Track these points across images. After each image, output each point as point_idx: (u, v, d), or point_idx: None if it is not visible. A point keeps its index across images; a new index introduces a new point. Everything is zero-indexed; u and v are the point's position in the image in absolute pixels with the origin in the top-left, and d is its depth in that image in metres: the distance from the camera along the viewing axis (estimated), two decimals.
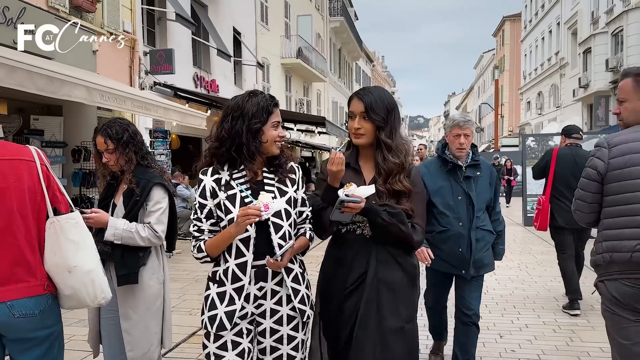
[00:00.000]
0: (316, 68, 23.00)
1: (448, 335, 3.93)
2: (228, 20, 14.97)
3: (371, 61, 52.28)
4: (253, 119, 1.95)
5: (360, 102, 2.16)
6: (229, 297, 1.97)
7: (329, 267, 2.25)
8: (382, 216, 2.04)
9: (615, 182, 2.20)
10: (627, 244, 2.15)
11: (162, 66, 10.30)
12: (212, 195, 1.99)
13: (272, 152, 2.04)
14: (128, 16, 10.02)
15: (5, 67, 4.30)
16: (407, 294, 2.15)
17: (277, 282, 2.02)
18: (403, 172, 2.14)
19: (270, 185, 2.04)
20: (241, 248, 1.96)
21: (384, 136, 2.13)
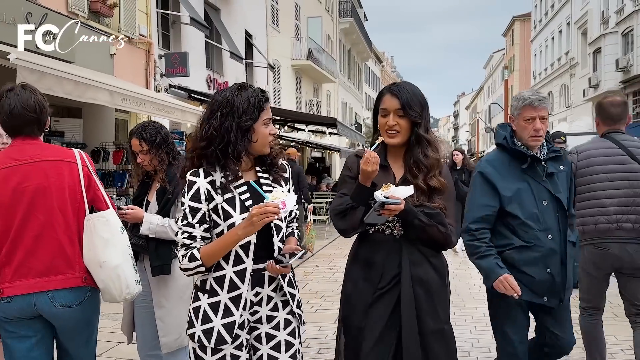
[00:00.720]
0: (326, 69, 23.21)
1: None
2: (240, 22, 15.21)
3: (380, 62, 52.41)
4: (244, 116, 1.80)
5: (395, 98, 2.05)
6: (224, 307, 1.82)
7: (357, 270, 2.13)
8: (420, 217, 1.96)
9: (582, 177, 3.11)
10: (590, 219, 3.10)
11: (176, 69, 10.54)
12: (207, 199, 1.83)
13: (264, 152, 1.91)
14: (144, 20, 10.28)
15: (35, 73, 4.54)
16: (441, 294, 2.09)
17: (273, 288, 1.91)
18: (440, 168, 2.08)
19: (266, 185, 1.92)
20: (240, 254, 1.83)
21: (423, 131, 2.05)
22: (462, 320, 4.81)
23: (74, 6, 8.39)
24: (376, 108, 2.14)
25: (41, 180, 2.05)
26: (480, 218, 2.52)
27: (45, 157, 2.10)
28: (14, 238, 2.02)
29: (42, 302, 2.03)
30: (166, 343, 2.69)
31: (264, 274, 1.87)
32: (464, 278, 6.58)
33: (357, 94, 35.47)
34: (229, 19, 14.41)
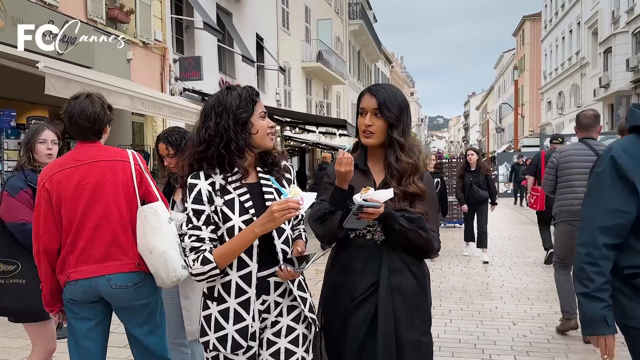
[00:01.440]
0: (336, 71, 23.40)
1: None
2: (251, 26, 15.47)
3: (390, 62, 52.49)
4: (238, 110, 1.79)
5: (373, 98, 1.99)
6: (235, 313, 1.80)
7: (335, 276, 2.04)
8: (400, 222, 1.88)
9: (561, 170, 4.28)
10: (566, 202, 4.21)
11: (191, 73, 10.81)
12: (209, 201, 1.80)
13: (266, 145, 1.88)
14: (159, 25, 10.56)
15: (61, 80, 4.80)
16: (420, 304, 1.99)
17: (280, 294, 1.87)
18: (417, 173, 1.99)
19: (268, 187, 1.88)
20: (244, 258, 1.79)
21: (397, 134, 1.97)
22: (469, 315, 4.99)
23: (93, 13, 8.68)
24: (357, 108, 2.08)
25: (98, 177, 2.30)
26: (609, 229, 1.78)
27: (103, 157, 2.36)
28: (76, 229, 2.27)
29: (101, 284, 2.28)
30: (191, 331, 2.90)
31: (269, 280, 1.83)
32: (472, 276, 6.75)
33: None
34: (241, 23, 14.67)
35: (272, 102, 17.10)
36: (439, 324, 4.67)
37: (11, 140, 5.88)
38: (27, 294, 2.66)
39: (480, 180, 7.68)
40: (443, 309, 5.21)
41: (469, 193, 7.69)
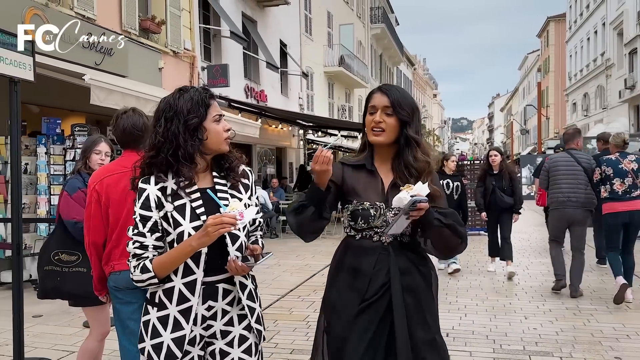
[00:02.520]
0: (357, 75, 23.71)
1: None
2: (275, 33, 15.91)
3: (412, 65, 52.53)
4: (189, 115, 1.72)
5: (384, 96, 1.97)
6: (174, 320, 1.73)
7: (343, 278, 2.00)
8: (438, 217, 1.85)
9: (551, 172, 5.69)
10: (554, 195, 5.65)
11: (218, 80, 11.27)
12: (158, 206, 1.74)
13: (220, 150, 1.81)
14: (188, 35, 11.06)
15: (105, 91, 5.25)
16: (430, 304, 1.98)
17: (228, 302, 1.80)
18: (432, 173, 1.99)
19: (223, 192, 1.80)
20: (190, 264, 1.72)
21: (412, 132, 1.95)
22: (483, 310, 5.25)
23: (127, 25, 9.20)
24: (365, 108, 2.05)
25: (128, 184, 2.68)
26: None
27: (129, 166, 2.72)
28: (121, 227, 2.60)
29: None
30: None
31: (217, 286, 1.77)
32: (489, 275, 6.98)
33: None
34: (265, 30, 15.12)
35: (295, 106, 17.51)
36: (454, 317, 4.96)
37: (57, 145, 6.36)
38: (87, 281, 3.03)
39: (505, 185, 6.76)
40: (459, 304, 5.48)
41: (492, 199, 6.80)
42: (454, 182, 6.85)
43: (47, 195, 6.30)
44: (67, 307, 5.26)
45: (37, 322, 4.87)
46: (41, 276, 3.24)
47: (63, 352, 4.11)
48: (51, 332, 4.64)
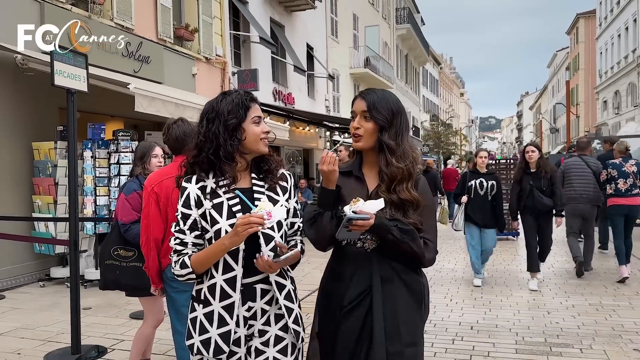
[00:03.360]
0: (383, 76, 23.88)
1: None
2: (302, 37, 16.25)
3: (439, 64, 52.29)
4: (229, 116, 1.79)
5: (362, 100, 1.95)
6: (219, 317, 1.80)
7: (328, 283, 2.03)
8: (393, 233, 1.83)
9: (566, 175, 6.86)
10: (570, 193, 6.74)
11: (248, 84, 11.64)
12: (197, 205, 1.82)
13: (260, 150, 1.87)
14: (219, 41, 11.47)
15: (147, 98, 5.63)
16: (409, 313, 1.91)
17: (267, 301, 1.86)
18: (410, 180, 1.92)
19: (259, 193, 1.86)
20: (229, 262, 1.79)
21: (387, 137, 1.91)
22: (507, 305, 5.43)
23: (163, 33, 9.64)
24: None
25: None
26: None
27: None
28: None
29: None
30: None
31: (255, 287, 1.83)
32: (514, 272, 7.13)
33: (414, 98, 35.81)
34: (292, 34, 15.47)
35: (322, 108, 17.82)
36: (479, 312, 5.17)
37: (101, 150, 6.79)
38: (143, 274, 3.36)
39: (543, 185, 5.97)
40: (484, 300, 5.67)
41: (529, 201, 6.02)
42: (487, 181, 6.27)
43: (92, 196, 6.73)
44: (114, 300, 5.70)
45: (87, 313, 5.27)
46: (102, 270, 3.60)
47: (114, 340, 4.48)
48: (101, 323, 5.02)
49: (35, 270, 6.90)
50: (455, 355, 3.97)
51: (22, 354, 4.16)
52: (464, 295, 5.92)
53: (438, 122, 44.73)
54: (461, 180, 6.68)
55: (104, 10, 8.24)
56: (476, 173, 6.45)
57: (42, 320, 5.12)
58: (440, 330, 4.58)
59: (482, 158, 6.39)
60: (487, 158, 6.50)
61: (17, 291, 6.40)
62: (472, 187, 6.33)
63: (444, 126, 45.50)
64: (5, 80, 6.59)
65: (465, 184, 6.45)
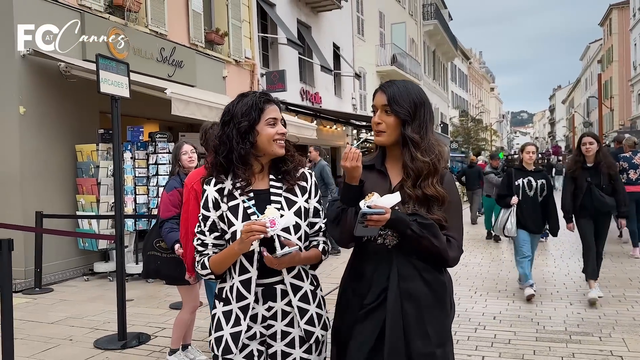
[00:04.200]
0: (410, 72, 23.91)
1: None
2: (328, 37, 16.49)
3: (467, 59, 51.75)
4: (242, 119, 1.78)
5: (382, 94, 1.88)
6: (235, 316, 1.83)
7: (347, 282, 1.96)
8: (412, 227, 1.75)
9: None
10: None
11: (276, 85, 11.97)
12: (215, 207, 1.84)
13: (275, 152, 1.84)
14: (248, 44, 11.82)
15: (183, 102, 5.96)
16: (435, 313, 1.82)
17: (287, 302, 1.85)
18: (435, 175, 1.84)
19: (276, 195, 1.84)
20: (245, 264, 1.81)
21: (410, 131, 1.83)
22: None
23: (194, 38, 10.02)
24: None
25: None
26: None
27: None
28: None
29: None
30: None
31: (276, 287, 1.83)
32: (540, 266, 7.20)
33: (442, 94, 35.62)
34: (319, 34, 15.72)
35: (349, 107, 18.02)
36: (502, 303, 5.32)
37: (140, 151, 7.19)
38: (181, 264, 3.67)
39: (604, 182, 5.15)
40: (508, 292, 5.81)
41: (586, 201, 5.19)
42: (537, 179, 5.39)
43: (132, 195, 7.14)
44: (154, 292, 6.08)
45: (130, 305, 5.61)
46: (145, 260, 3.93)
47: (156, 328, 4.82)
48: (143, 313, 5.38)
49: (79, 265, 7.34)
50: (477, 343, 4.16)
51: (74, 339, 4.53)
52: (488, 288, 6.07)
53: (467, 118, 44.29)
54: (506, 180, 5.63)
55: (139, 17, 8.65)
56: (523, 171, 5.46)
57: (89, 310, 5.51)
58: (463, 320, 4.76)
59: (530, 153, 5.48)
60: (535, 153, 5.57)
61: (63, 285, 6.85)
62: (520, 187, 5.40)
63: (474, 122, 45.04)
64: (50, 87, 7.04)
65: (511, 183, 5.45)
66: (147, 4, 8.81)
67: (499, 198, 5.70)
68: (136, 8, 8.43)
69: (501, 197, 5.59)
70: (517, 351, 3.94)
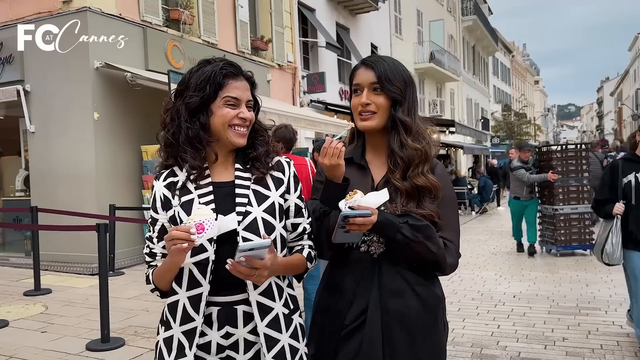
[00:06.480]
0: (449, 69, 24.15)
1: None
2: (366, 37, 17.09)
3: (510, 52, 51.03)
4: (193, 92, 1.43)
5: (370, 70, 1.60)
6: (178, 345, 1.42)
7: (324, 297, 1.65)
8: (402, 231, 1.47)
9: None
10: None
11: (316, 87, 12.70)
12: (164, 207, 1.47)
13: (231, 141, 1.47)
14: (290, 49, 12.59)
15: None
16: (427, 334, 1.55)
17: (251, 330, 1.44)
18: (427, 162, 1.58)
19: (243, 188, 1.48)
20: (195, 275, 1.41)
21: (401, 113, 1.58)
22: (551, 280, 6.06)
23: (242, 46, 10.87)
24: (350, 88, 1.68)
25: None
26: None
27: (298, 162, 4.00)
28: None
29: None
30: None
31: (236, 308, 1.43)
32: (563, 255, 7.65)
33: (482, 89, 35.49)
34: (357, 35, 16.35)
35: None
36: (523, 285, 5.88)
37: None
38: None
39: None
40: (531, 276, 6.35)
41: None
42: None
43: None
44: None
45: None
46: None
47: None
48: None
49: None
50: (495, 315, 4.75)
51: (150, 311, 5.38)
52: (513, 272, 6.60)
53: (510, 112, 43.79)
54: (608, 175, 3.71)
55: (193, 29, 9.55)
56: (636, 162, 3.58)
57: None
58: (486, 298, 5.34)
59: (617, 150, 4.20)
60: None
61: (132, 269, 7.79)
62: (630, 186, 3.54)
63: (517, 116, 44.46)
64: (118, 94, 8.00)
65: (615, 181, 3.63)
66: (200, 17, 9.69)
67: (596, 205, 3.81)
68: (190, 21, 9.33)
69: (600, 203, 3.75)
70: (529, 321, 4.52)
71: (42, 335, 4.50)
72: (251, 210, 1.44)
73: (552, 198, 7.45)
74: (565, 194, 7.36)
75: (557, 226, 7.38)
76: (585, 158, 7.47)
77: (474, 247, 8.67)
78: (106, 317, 4.21)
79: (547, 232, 7.74)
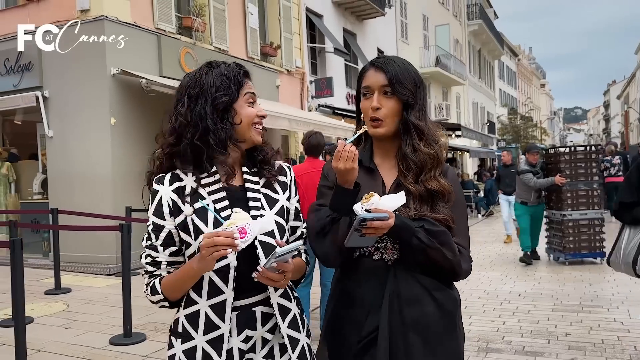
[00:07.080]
0: (455, 73, 24.32)
1: None
2: (373, 42, 17.32)
3: (516, 55, 51.12)
4: (218, 93, 1.43)
5: (380, 72, 1.56)
6: (202, 354, 1.40)
7: (338, 308, 1.61)
8: (418, 235, 1.45)
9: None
10: None
11: (324, 91, 12.93)
12: (173, 212, 1.43)
13: (253, 140, 1.49)
14: (298, 54, 12.83)
15: None
16: (444, 340, 1.52)
17: (270, 329, 1.47)
18: (439, 167, 1.57)
19: (254, 192, 1.49)
20: (216, 282, 1.40)
21: (414, 117, 1.55)
22: (556, 280, 6.23)
23: (252, 52, 11.11)
24: (358, 90, 1.63)
25: (316, 179, 3.87)
26: None
27: (317, 167, 4.15)
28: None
29: None
30: None
31: (254, 310, 1.45)
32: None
33: (488, 92, 35.63)
34: (364, 41, 16.58)
35: None
36: (528, 284, 6.05)
37: None
38: None
39: None
40: (536, 276, 6.51)
41: None
42: None
43: None
44: None
45: None
46: None
47: None
48: None
49: None
50: (501, 312, 4.92)
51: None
52: (519, 272, 6.77)
53: (516, 115, 43.84)
54: (634, 176, 3.05)
55: (204, 36, 9.80)
56: None
57: None
58: (492, 297, 5.52)
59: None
60: None
61: None
62: None
63: (523, 119, 44.51)
64: (134, 100, 8.25)
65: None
66: (212, 24, 9.94)
67: (622, 209, 3.13)
68: (202, 28, 9.58)
69: (625, 207, 3.09)
70: (533, 318, 4.69)
71: (66, 330, 4.72)
72: (264, 213, 1.46)
73: (560, 203, 6.98)
74: (574, 198, 6.94)
75: (565, 233, 6.91)
76: (595, 161, 7.15)
77: (480, 249, 8.84)
78: (128, 313, 4.42)
79: (555, 240, 7.23)
